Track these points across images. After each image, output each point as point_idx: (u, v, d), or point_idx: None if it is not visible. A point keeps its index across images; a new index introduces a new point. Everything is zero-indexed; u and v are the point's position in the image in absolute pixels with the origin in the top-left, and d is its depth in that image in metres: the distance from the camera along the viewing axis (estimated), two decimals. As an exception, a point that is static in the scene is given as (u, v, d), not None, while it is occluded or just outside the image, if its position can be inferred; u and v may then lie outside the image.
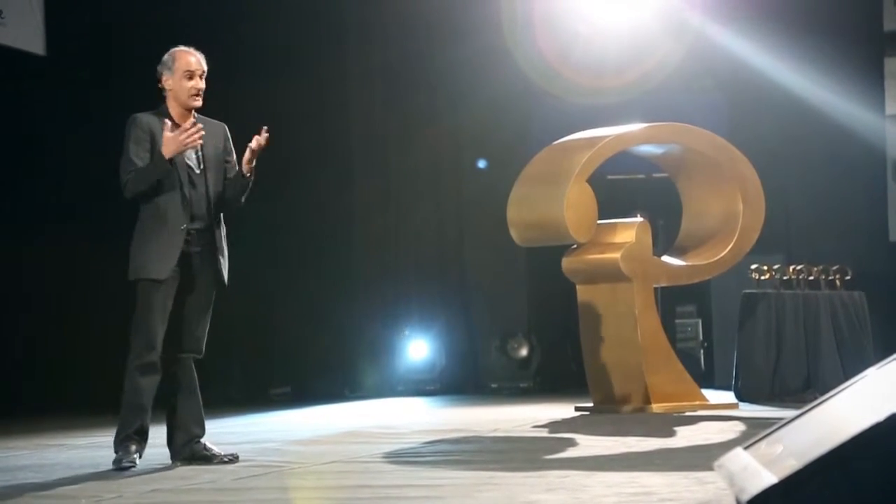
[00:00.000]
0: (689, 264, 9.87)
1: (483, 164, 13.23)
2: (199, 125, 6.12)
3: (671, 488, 4.88)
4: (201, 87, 6.24)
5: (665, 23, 12.60)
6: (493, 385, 12.83)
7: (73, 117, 11.54)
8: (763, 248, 10.32)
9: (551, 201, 9.42)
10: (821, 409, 3.31)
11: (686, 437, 7.39)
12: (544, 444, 7.47)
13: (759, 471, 2.92)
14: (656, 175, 11.50)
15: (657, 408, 9.26)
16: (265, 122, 6.25)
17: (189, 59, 6.24)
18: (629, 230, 9.55)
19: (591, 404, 9.63)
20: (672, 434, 7.57)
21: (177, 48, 6.30)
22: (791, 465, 2.74)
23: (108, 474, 5.96)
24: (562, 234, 9.45)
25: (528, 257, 12.68)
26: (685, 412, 9.21)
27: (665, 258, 9.94)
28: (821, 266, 10.73)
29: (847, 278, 10.74)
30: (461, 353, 13.12)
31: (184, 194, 6.15)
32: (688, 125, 9.97)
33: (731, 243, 9.83)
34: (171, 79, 6.22)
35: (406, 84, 13.25)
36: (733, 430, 7.74)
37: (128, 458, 6.04)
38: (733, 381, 10.49)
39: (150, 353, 6.09)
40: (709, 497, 4.60)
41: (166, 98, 6.26)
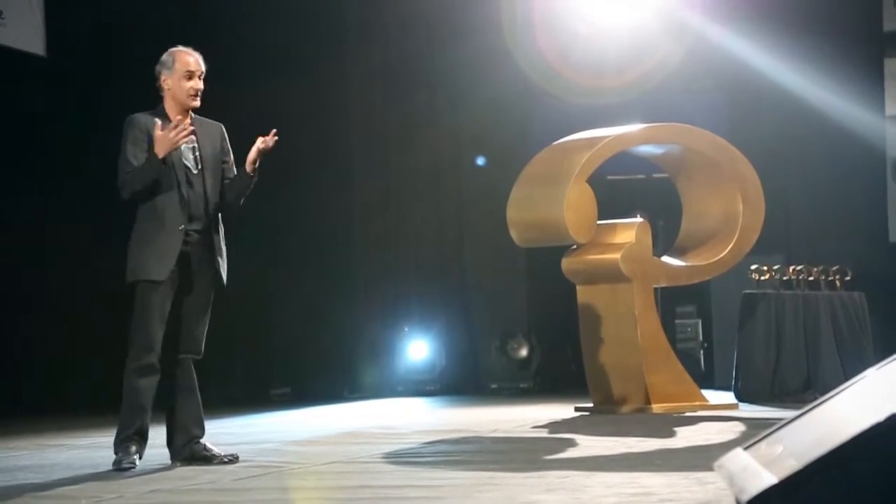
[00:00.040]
0: (688, 265, 9.87)
1: (482, 161, 13.23)
2: (187, 121, 6.10)
3: (671, 489, 4.88)
4: (200, 87, 6.24)
5: (665, 23, 12.60)
6: (493, 385, 12.82)
7: (73, 117, 11.54)
8: (763, 248, 10.32)
9: (551, 202, 9.42)
10: (821, 409, 3.31)
11: (686, 437, 7.38)
12: (544, 444, 7.47)
13: (759, 471, 2.92)
14: (656, 175, 11.49)
15: (657, 408, 9.26)
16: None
17: (189, 59, 6.24)
18: (629, 231, 9.55)
19: (591, 405, 9.63)
20: (672, 434, 7.57)
21: (176, 48, 6.30)
22: (791, 465, 2.74)
23: (108, 475, 5.96)
24: (562, 235, 9.45)
25: (527, 258, 12.68)
26: (685, 412, 9.21)
27: (665, 259, 9.94)
28: (821, 266, 10.73)
29: (847, 279, 10.74)
30: (461, 354, 13.12)
31: (181, 195, 6.14)
32: (688, 125, 9.96)
33: (731, 244, 9.83)
34: (171, 78, 6.22)
35: (406, 84, 13.24)
36: (733, 430, 7.74)
37: (128, 460, 6.03)
38: (733, 382, 10.49)
39: (149, 355, 6.08)
40: (709, 497, 4.60)
41: (164, 98, 6.26)
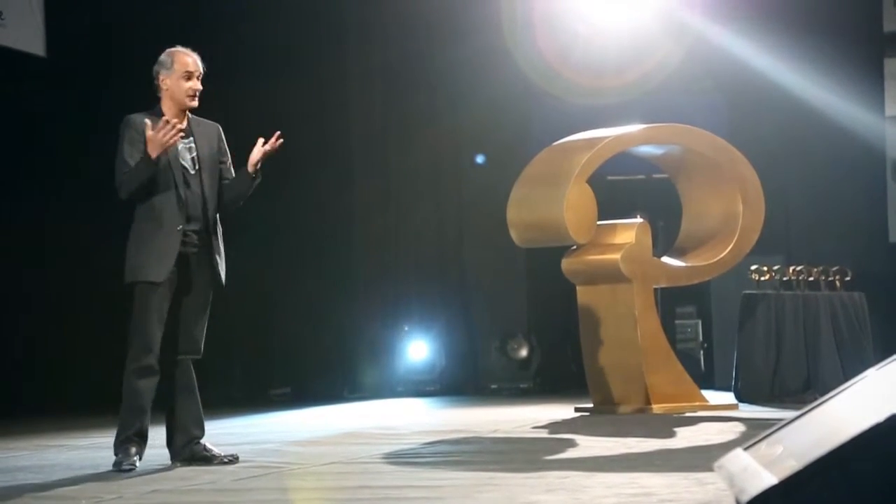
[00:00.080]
0: (688, 265, 9.87)
1: (481, 159, 13.22)
2: (175, 121, 6.09)
3: (671, 489, 4.88)
4: (199, 88, 6.24)
5: (665, 24, 12.60)
6: (493, 386, 12.82)
7: (73, 118, 11.54)
8: (763, 248, 10.32)
9: (551, 202, 9.42)
10: (821, 409, 3.31)
11: (686, 437, 7.39)
12: (544, 444, 7.47)
13: (758, 471, 2.92)
14: (656, 176, 11.49)
15: (657, 409, 9.26)
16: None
17: (187, 59, 6.24)
18: (629, 231, 9.55)
19: (591, 405, 9.63)
20: (672, 435, 7.57)
21: (174, 48, 6.30)
22: (791, 465, 2.74)
23: (108, 475, 5.96)
24: (562, 235, 9.45)
25: (527, 258, 12.68)
26: (685, 413, 9.21)
27: (665, 259, 9.94)
28: (821, 267, 10.73)
29: (847, 279, 10.74)
30: (461, 354, 13.11)
31: (179, 195, 6.13)
32: (688, 126, 9.96)
33: (731, 244, 9.83)
34: (169, 78, 6.22)
35: (406, 84, 13.24)
36: (733, 430, 7.74)
37: (128, 462, 6.03)
38: (733, 382, 10.49)
39: (148, 356, 6.08)
40: (709, 498, 4.60)
41: (161, 98, 6.26)
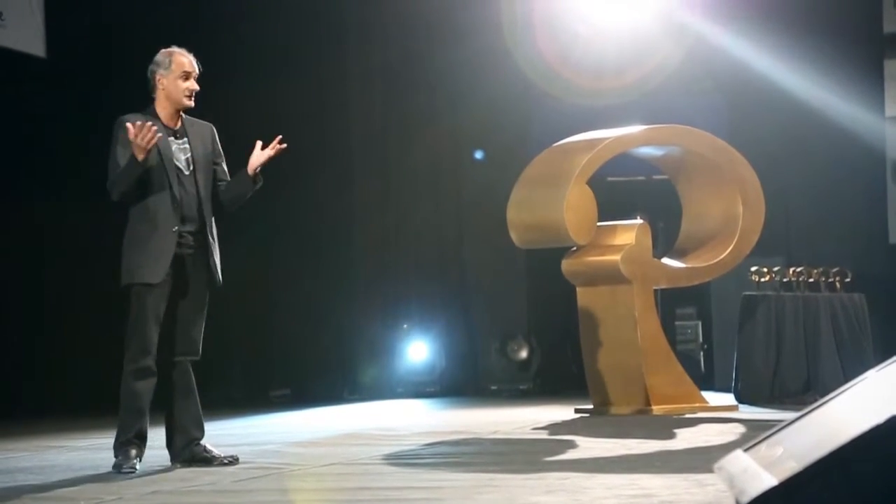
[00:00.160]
0: (688, 266, 9.86)
1: (480, 154, 13.22)
2: (149, 123, 6.06)
3: (671, 490, 4.88)
4: (196, 88, 6.25)
5: (665, 24, 12.59)
6: (493, 387, 12.81)
7: (74, 118, 11.53)
8: (763, 250, 10.32)
9: (551, 203, 9.42)
10: (821, 411, 3.31)
11: (686, 439, 7.39)
12: (544, 446, 7.47)
13: (759, 473, 2.92)
14: (656, 177, 11.49)
15: (657, 410, 9.25)
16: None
17: (184, 60, 6.25)
18: (629, 232, 9.55)
19: (591, 406, 9.62)
20: (672, 436, 7.57)
21: (170, 49, 6.30)
22: (791, 467, 2.74)
23: (107, 476, 5.96)
24: (562, 236, 9.45)
25: (527, 259, 12.67)
26: (685, 414, 9.21)
27: (665, 260, 9.94)
28: (821, 268, 10.73)
29: (847, 280, 10.74)
30: (461, 355, 13.11)
31: (174, 196, 6.13)
32: (688, 127, 9.96)
33: (731, 245, 9.83)
34: (166, 78, 6.22)
35: (406, 84, 13.24)
36: (733, 432, 7.74)
37: (128, 464, 6.02)
38: (733, 383, 10.48)
39: (146, 358, 6.08)
40: (709, 499, 4.60)
41: (155, 99, 6.26)
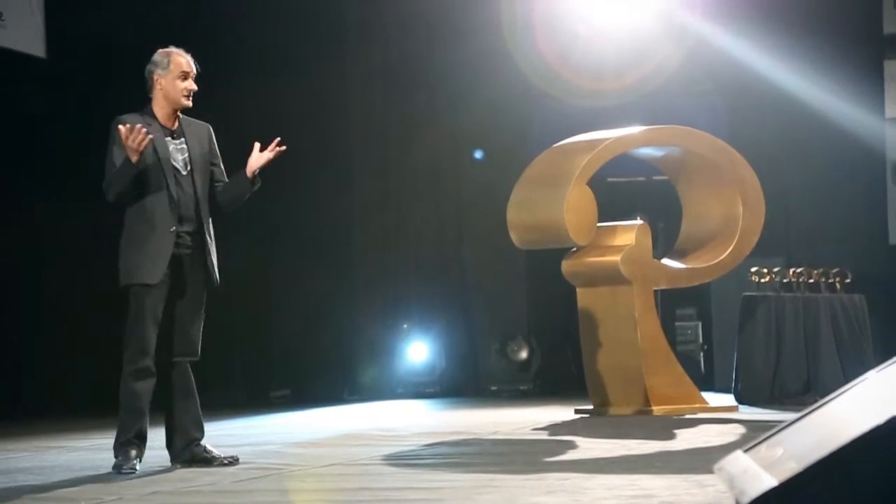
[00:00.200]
0: (688, 267, 9.86)
1: (479, 154, 13.21)
2: (139, 125, 6.05)
3: (671, 491, 4.88)
4: (194, 88, 6.26)
5: (665, 25, 12.59)
6: (493, 387, 12.81)
7: (74, 119, 11.53)
8: (763, 250, 10.32)
9: (551, 204, 9.42)
10: (821, 411, 3.31)
11: (686, 439, 7.39)
12: (544, 446, 7.47)
13: (759, 473, 2.92)
14: (656, 178, 11.49)
15: (657, 410, 9.25)
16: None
17: (182, 60, 6.26)
18: (629, 233, 9.55)
19: (591, 407, 9.62)
20: (672, 437, 7.57)
21: (168, 49, 6.31)
22: (791, 467, 2.74)
23: (107, 476, 5.95)
24: (562, 237, 9.45)
25: (527, 259, 12.67)
26: (685, 415, 9.21)
27: (665, 261, 9.94)
28: (821, 269, 10.73)
29: (847, 281, 10.74)
30: (461, 356, 13.11)
31: (171, 196, 6.13)
32: (688, 128, 9.96)
33: (731, 246, 9.83)
34: (165, 78, 6.22)
35: (406, 84, 13.24)
36: (733, 432, 7.74)
37: (128, 465, 6.02)
38: (733, 384, 10.48)
39: (145, 358, 6.08)
40: (709, 500, 4.60)
41: (153, 99, 6.26)
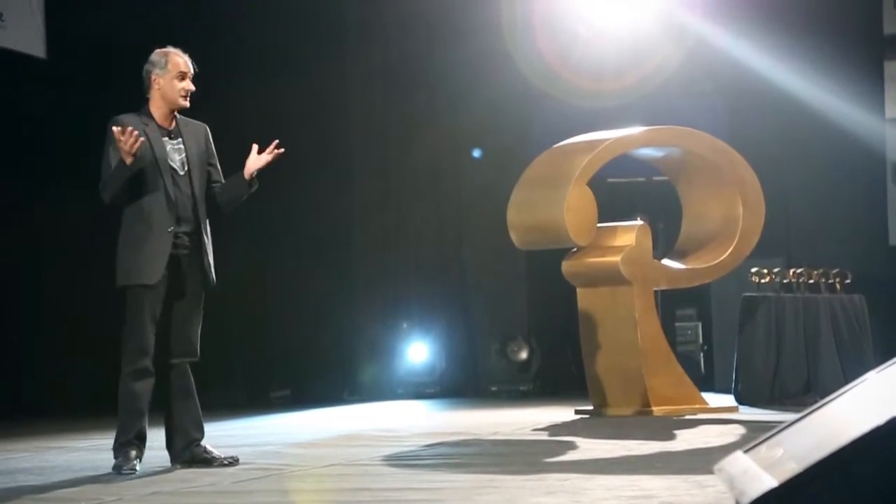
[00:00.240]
0: (689, 268, 9.86)
1: (477, 153, 13.21)
2: (130, 128, 6.03)
3: (671, 492, 4.88)
4: (192, 88, 6.26)
5: (665, 26, 12.59)
6: (493, 388, 12.80)
7: (74, 119, 11.53)
8: (763, 251, 10.32)
9: (551, 204, 9.42)
10: (821, 412, 3.31)
11: (686, 440, 7.39)
12: (544, 447, 7.47)
13: (759, 474, 2.92)
14: (656, 178, 11.48)
15: (657, 411, 9.25)
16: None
17: (179, 60, 6.26)
18: (629, 233, 9.55)
19: (591, 407, 9.62)
20: (672, 437, 7.57)
21: (166, 49, 6.30)
22: (791, 468, 2.74)
23: (107, 477, 5.95)
24: (562, 238, 9.45)
25: (528, 260, 12.66)
26: (685, 415, 9.21)
27: (665, 261, 9.93)
28: (821, 269, 10.73)
29: (847, 282, 10.74)
30: (461, 356, 13.10)
31: (168, 196, 6.13)
32: (688, 128, 9.96)
33: (731, 247, 9.82)
34: (162, 78, 6.22)
35: (406, 84, 13.24)
36: (733, 433, 7.74)
37: (128, 466, 6.01)
38: (733, 385, 10.48)
39: (143, 359, 6.08)
40: (709, 500, 4.60)
41: (150, 99, 6.26)
